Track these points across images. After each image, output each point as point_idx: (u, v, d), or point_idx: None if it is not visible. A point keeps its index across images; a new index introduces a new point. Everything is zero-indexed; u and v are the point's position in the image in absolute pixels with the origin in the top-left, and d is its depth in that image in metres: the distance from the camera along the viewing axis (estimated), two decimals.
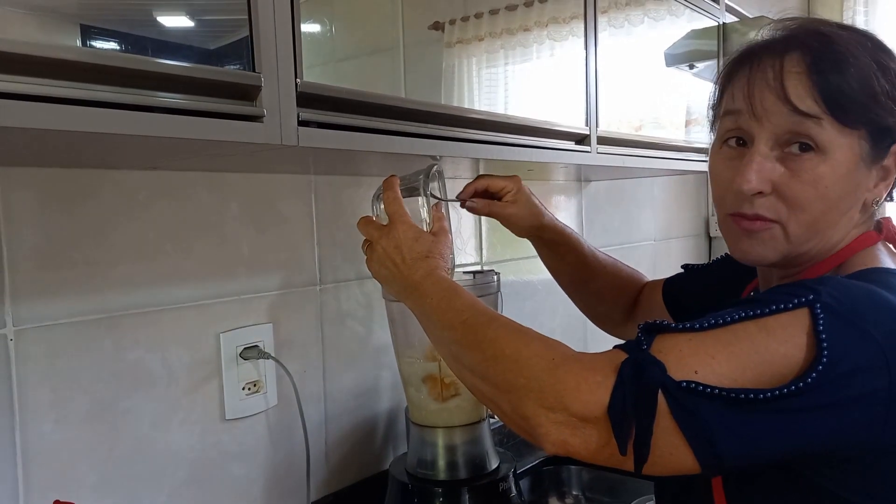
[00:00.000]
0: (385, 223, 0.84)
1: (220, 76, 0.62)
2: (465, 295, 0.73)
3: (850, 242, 0.67)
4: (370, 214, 0.89)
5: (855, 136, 0.63)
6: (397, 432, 1.23)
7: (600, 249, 1.07)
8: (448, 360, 0.73)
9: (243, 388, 0.99)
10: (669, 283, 0.99)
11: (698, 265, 0.98)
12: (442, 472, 1.00)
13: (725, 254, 0.82)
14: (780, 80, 0.64)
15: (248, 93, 0.64)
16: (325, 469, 1.12)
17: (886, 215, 0.72)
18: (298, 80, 0.67)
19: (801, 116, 0.63)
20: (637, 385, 0.55)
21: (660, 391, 0.55)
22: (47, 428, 0.81)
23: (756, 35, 0.69)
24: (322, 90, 0.70)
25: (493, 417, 1.09)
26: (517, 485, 1.03)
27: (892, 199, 0.70)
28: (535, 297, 1.58)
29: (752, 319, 0.57)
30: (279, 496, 1.05)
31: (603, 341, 1.73)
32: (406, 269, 0.79)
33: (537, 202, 1.00)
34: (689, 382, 0.55)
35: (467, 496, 0.98)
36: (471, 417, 1.01)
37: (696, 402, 0.54)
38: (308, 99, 0.68)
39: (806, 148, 0.63)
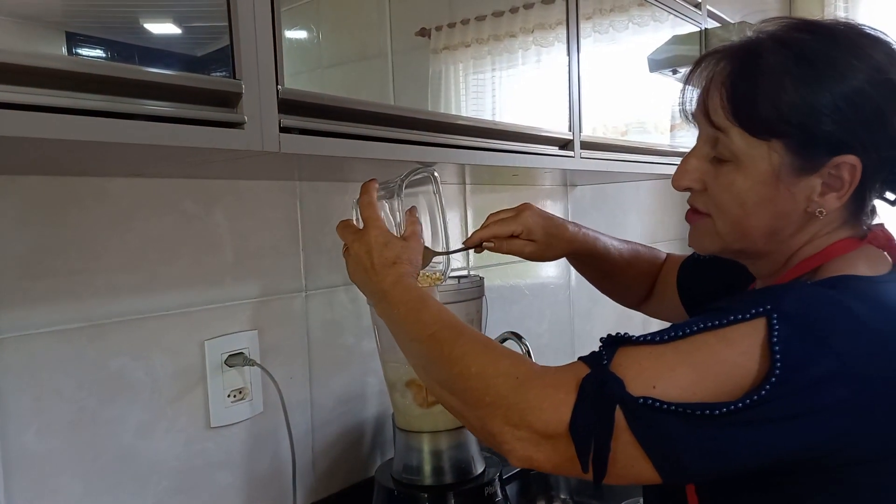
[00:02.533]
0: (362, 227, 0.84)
1: (201, 83, 0.62)
2: (433, 306, 0.73)
3: (825, 248, 0.68)
4: (351, 219, 0.89)
5: (766, 146, 0.64)
6: (385, 438, 1.22)
7: (619, 239, 1.06)
8: (417, 370, 0.74)
9: (228, 396, 0.99)
10: (683, 269, 1.00)
11: (701, 257, 0.98)
12: (428, 477, 1.00)
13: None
14: (707, 90, 0.68)
15: (230, 100, 0.64)
16: (312, 476, 1.11)
17: (879, 221, 0.71)
18: (279, 86, 0.67)
19: (713, 129, 0.67)
20: (596, 402, 0.56)
21: (619, 407, 0.56)
22: (30, 437, 0.80)
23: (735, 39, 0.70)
24: (303, 97, 0.70)
25: None
26: (503, 489, 1.03)
27: (894, 204, 0.70)
28: (523, 302, 1.58)
29: (711, 330, 0.58)
30: None
31: (590, 344, 1.73)
32: (375, 275, 0.79)
33: (553, 229, 0.96)
34: (646, 398, 0.55)
35: (453, 501, 0.98)
36: (456, 422, 1.00)
37: (654, 418, 0.55)
38: (290, 105, 0.69)
39: (722, 157, 0.67)
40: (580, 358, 0.61)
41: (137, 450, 0.90)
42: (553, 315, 1.68)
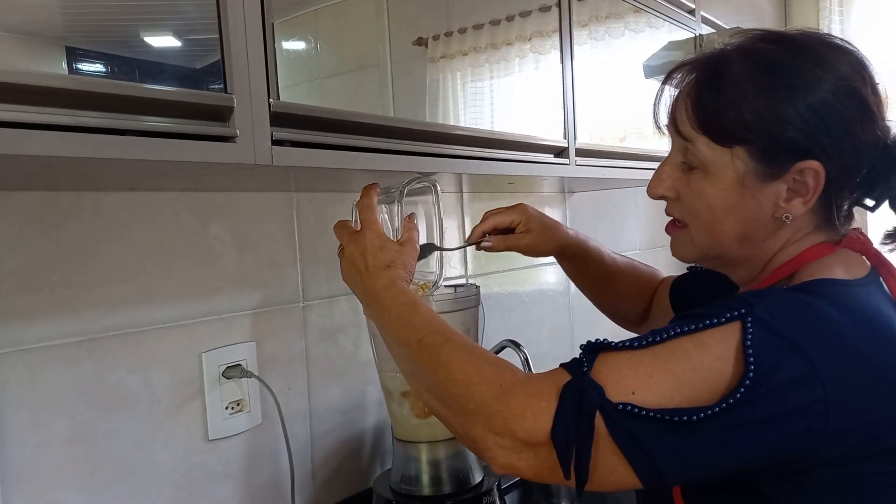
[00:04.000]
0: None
1: (193, 98, 0.62)
2: (423, 311, 0.74)
3: (800, 253, 0.68)
4: (349, 220, 0.89)
5: (729, 153, 0.66)
6: (384, 448, 1.22)
7: (617, 253, 1.07)
8: (405, 374, 0.75)
9: (226, 408, 0.99)
10: (676, 285, 1.00)
11: (701, 269, 0.98)
12: (426, 487, 1.00)
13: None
14: (676, 101, 0.70)
15: (222, 114, 0.65)
16: (311, 487, 1.11)
17: (855, 226, 0.72)
18: (271, 99, 0.68)
19: (682, 138, 0.69)
20: (576, 410, 0.57)
21: (599, 413, 0.56)
22: (27, 452, 0.80)
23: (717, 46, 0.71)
24: (295, 109, 0.71)
25: None
26: (501, 498, 1.03)
27: (872, 210, 0.70)
28: (521, 309, 1.58)
29: (687, 335, 0.59)
30: None
31: None
32: (368, 276, 0.79)
33: (550, 222, 0.99)
34: (625, 405, 0.56)
35: None
36: None
37: (633, 425, 0.56)
38: (282, 118, 0.69)
39: (692, 166, 0.70)
40: (561, 365, 0.62)
41: (136, 463, 0.90)
42: (552, 322, 1.68)
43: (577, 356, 0.62)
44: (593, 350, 0.61)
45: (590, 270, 1.03)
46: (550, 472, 0.58)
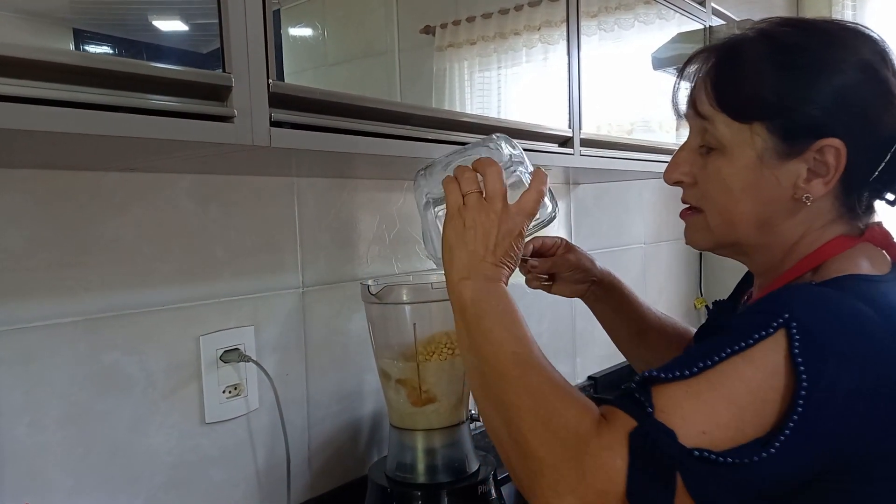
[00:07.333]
0: (443, 215, 0.73)
1: (190, 76, 0.61)
2: (519, 321, 0.67)
3: (823, 244, 0.67)
4: (421, 188, 0.77)
5: (748, 130, 0.66)
6: (381, 436, 1.22)
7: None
8: (470, 372, 0.68)
9: (223, 392, 0.99)
10: (700, 330, 0.92)
11: (723, 300, 0.91)
12: (421, 475, 0.99)
13: (746, 273, 0.84)
14: (696, 84, 0.70)
15: (220, 93, 0.64)
16: (307, 473, 1.11)
17: (877, 219, 0.70)
18: (271, 80, 0.67)
19: (701, 119, 0.68)
20: (652, 463, 0.53)
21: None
22: (21, 432, 0.80)
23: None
24: (295, 91, 0.70)
25: (475, 421, 1.08)
26: (497, 488, 1.03)
27: (893, 204, 0.69)
28: (523, 301, 1.55)
29: (738, 354, 0.56)
30: (259, 501, 1.04)
31: (592, 344, 1.71)
32: (489, 256, 0.68)
33: (587, 253, 0.97)
34: (701, 451, 0.53)
35: (446, 499, 0.97)
36: (450, 420, 1.00)
37: (711, 472, 0.53)
38: (281, 100, 0.68)
39: (710, 147, 0.69)
40: (614, 403, 0.57)
41: (130, 445, 0.89)
42: (554, 315, 1.67)
43: (629, 392, 0.57)
44: (644, 384, 0.56)
45: (625, 312, 0.98)
46: None
